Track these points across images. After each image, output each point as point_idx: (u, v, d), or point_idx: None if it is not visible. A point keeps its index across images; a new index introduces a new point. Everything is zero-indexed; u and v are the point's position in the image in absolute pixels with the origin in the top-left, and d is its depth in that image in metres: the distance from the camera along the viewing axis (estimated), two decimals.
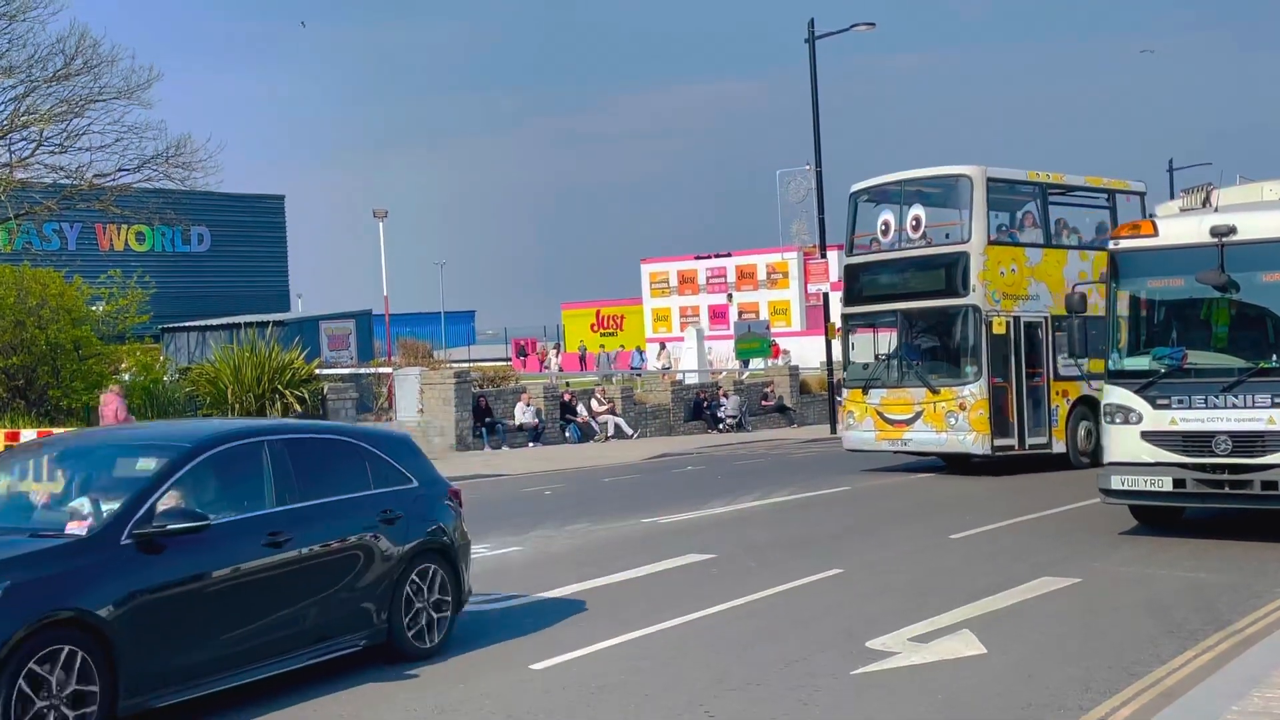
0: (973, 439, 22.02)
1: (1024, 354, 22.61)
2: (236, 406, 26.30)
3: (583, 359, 65.74)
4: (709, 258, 67.78)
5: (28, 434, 21.64)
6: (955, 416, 22.07)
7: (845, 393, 25.26)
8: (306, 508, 9.38)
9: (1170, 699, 7.96)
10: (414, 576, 9.89)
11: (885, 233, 24.04)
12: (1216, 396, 13.86)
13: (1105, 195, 25.12)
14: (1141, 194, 25.35)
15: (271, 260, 52.60)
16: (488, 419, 32.98)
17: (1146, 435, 14.26)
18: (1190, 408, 14.00)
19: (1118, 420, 14.50)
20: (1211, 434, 13.85)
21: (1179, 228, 14.67)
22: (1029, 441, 22.62)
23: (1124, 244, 14.89)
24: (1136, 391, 14.38)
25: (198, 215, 42.06)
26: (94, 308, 27.82)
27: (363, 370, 36.75)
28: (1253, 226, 14.07)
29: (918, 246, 23.81)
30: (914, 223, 23.53)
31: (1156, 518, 15.41)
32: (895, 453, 24.55)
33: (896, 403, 23.29)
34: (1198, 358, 14.43)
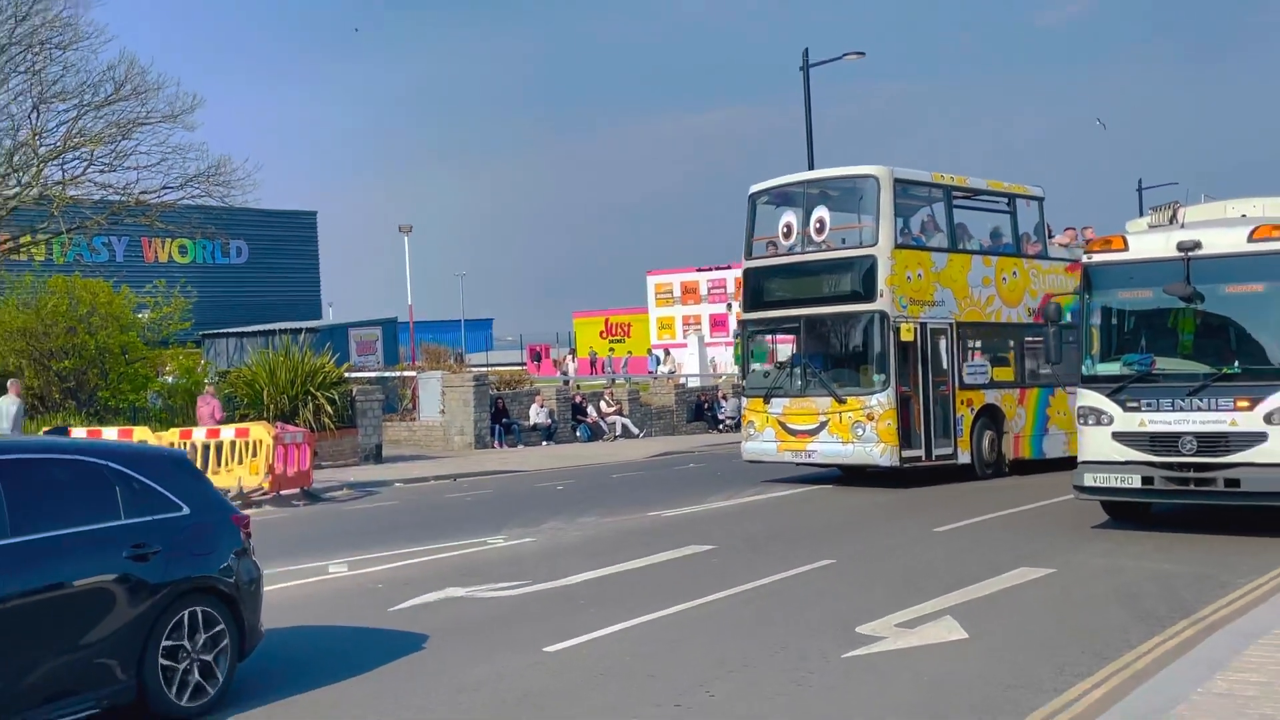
0: (880, 450, 19.98)
1: (930, 362, 20.69)
2: (271, 407, 26.27)
3: (593, 363, 65.69)
4: (710, 270, 67.61)
5: (79, 431, 21.68)
6: (862, 427, 19.95)
7: (744, 402, 22.44)
8: (16, 545, 7.30)
9: (1139, 681, 7.94)
10: (179, 622, 7.87)
11: (787, 235, 21.68)
12: (1183, 400, 13.87)
13: (1006, 200, 23.11)
14: (1040, 199, 23.46)
15: (304, 271, 52.60)
16: (504, 419, 33.16)
17: (1117, 435, 14.25)
18: (1158, 410, 14.01)
19: (1090, 421, 14.48)
20: (1178, 435, 13.85)
21: (1147, 243, 14.67)
22: (935, 452, 20.63)
23: (1096, 258, 14.89)
24: (1108, 395, 14.37)
25: (236, 230, 42.17)
26: (140, 315, 27.85)
27: (389, 374, 36.77)
28: (1216, 242, 14.08)
29: (821, 250, 21.39)
30: (818, 225, 21.12)
31: (1126, 513, 15.36)
32: (798, 464, 21.89)
33: (800, 413, 20.92)
34: (1165, 364, 14.40)
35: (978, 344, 21.98)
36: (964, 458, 20.94)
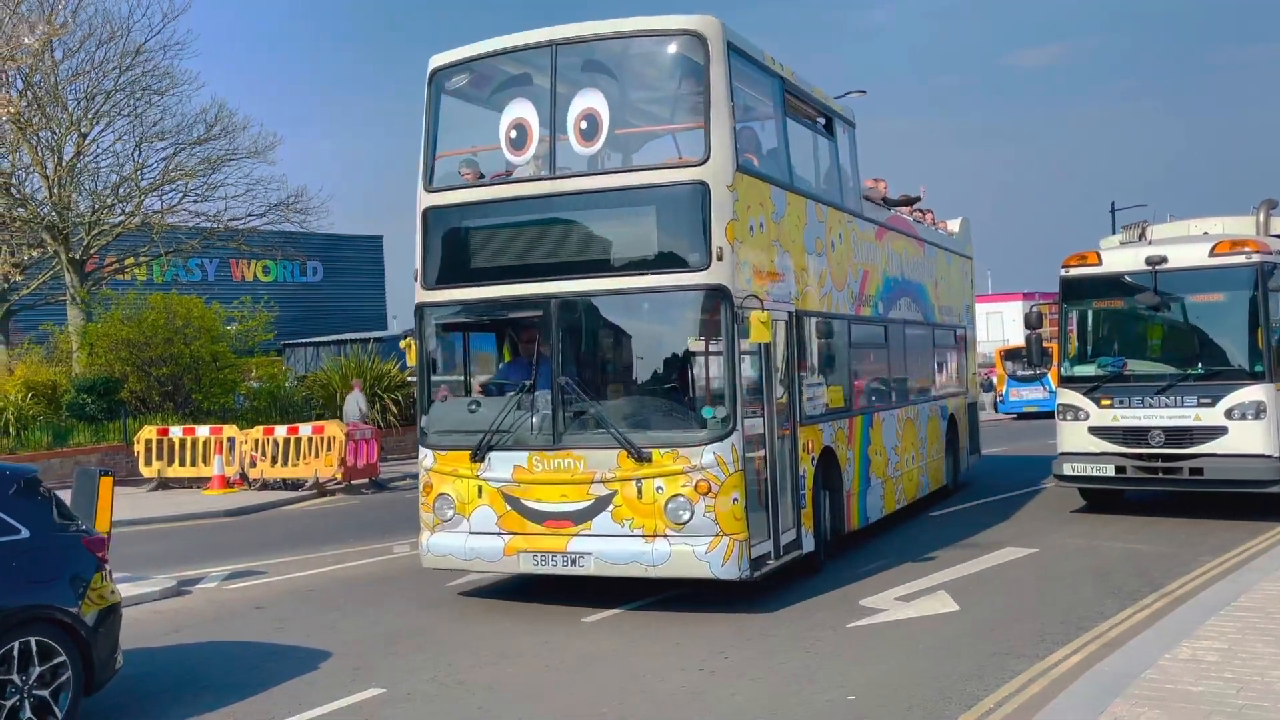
0: (721, 550, 9.34)
1: (774, 382, 10.41)
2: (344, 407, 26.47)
3: None
4: None
5: (175, 430, 21.90)
6: (686, 507, 9.37)
7: (430, 459, 10.45)
8: None
9: (1113, 649, 7.89)
10: (6, 654, 6.35)
11: (518, 145, 10.27)
12: (1152, 398, 13.84)
13: (826, 119, 12.89)
14: (853, 126, 13.54)
15: (372, 288, 52.73)
16: None
17: (1093, 430, 14.21)
18: (1129, 407, 13.98)
19: (1069, 417, 14.44)
20: (1147, 429, 13.82)
21: (1119, 258, 14.62)
22: (783, 542, 10.34)
23: (1073, 271, 14.84)
24: (1084, 393, 14.33)
25: (312, 252, 42.37)
26: (228, 327, 28.07)
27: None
28: (1181, 257, 14.06)
29: (592, 172, 10.21)
30: (584, 125, 9.96)
31: (1101, 498, 15.28)
32: (544, 574, 10.21)
33: (553, 479, 9.81)
34: (1136, 365, 14.34)
35: (814, 349, 11.82)
36: (808, 543, 10.85)
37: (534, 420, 9.94)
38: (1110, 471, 14.10)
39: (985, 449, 21.09)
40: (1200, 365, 13.89)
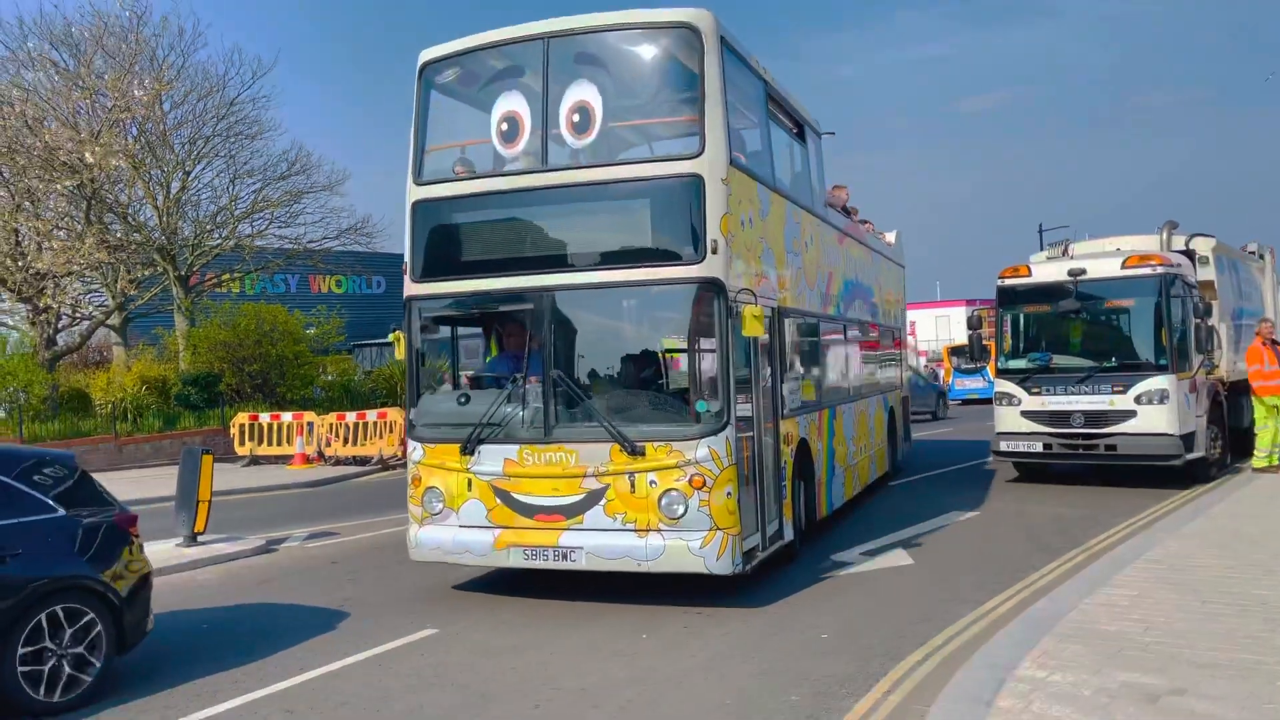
0: (715, 545, 7.92)
1: (762, 376, 9.12)
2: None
3: None
4: None
5: (263, 416, 21.94)
6: (679, 501, 7.94)
7: (419, 452, 8.93)
8: None
9: (1042, 595, 7.86)
10: (40, 622, 6.07)
11: (509, 138, 8.73)
12: (1073, 387, 13.80)
13: (799, 127, 11.32)
14: (819, 135, 12.06)
15: None
16: None
17: (1025, 413, 14.15)
18: (1055, 394, 13.94)
19: (1004, 403, 14.40)
20: (1070, 412, 13.78)
21: (1046, 270, 14.59)
22: (769, 533, 8.98)
23: (1008, 281, 14.80)
24: (1017, 383, 14.29)
25: (377, 268, 42.33)
26: (308, 331, 28.14)
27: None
28: (1097, 269, 14.05)
29: (583, 164, 8.52)
30: (575, 117, 8.48)
31: (1032, 471, 15.25)
32: (535, 568, 8.47)
33: (545, 473, 8.32)
34: (1060, 360, 14.28)
35: (793, 345, 10.42)
36: (788, 532, 9.46)
37: (525, 413, 8.26)
38: (1039, 448, 14.07)
39: (933, 430, 20.96)
40: (1114, 359, 13.86)
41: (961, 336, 35.86)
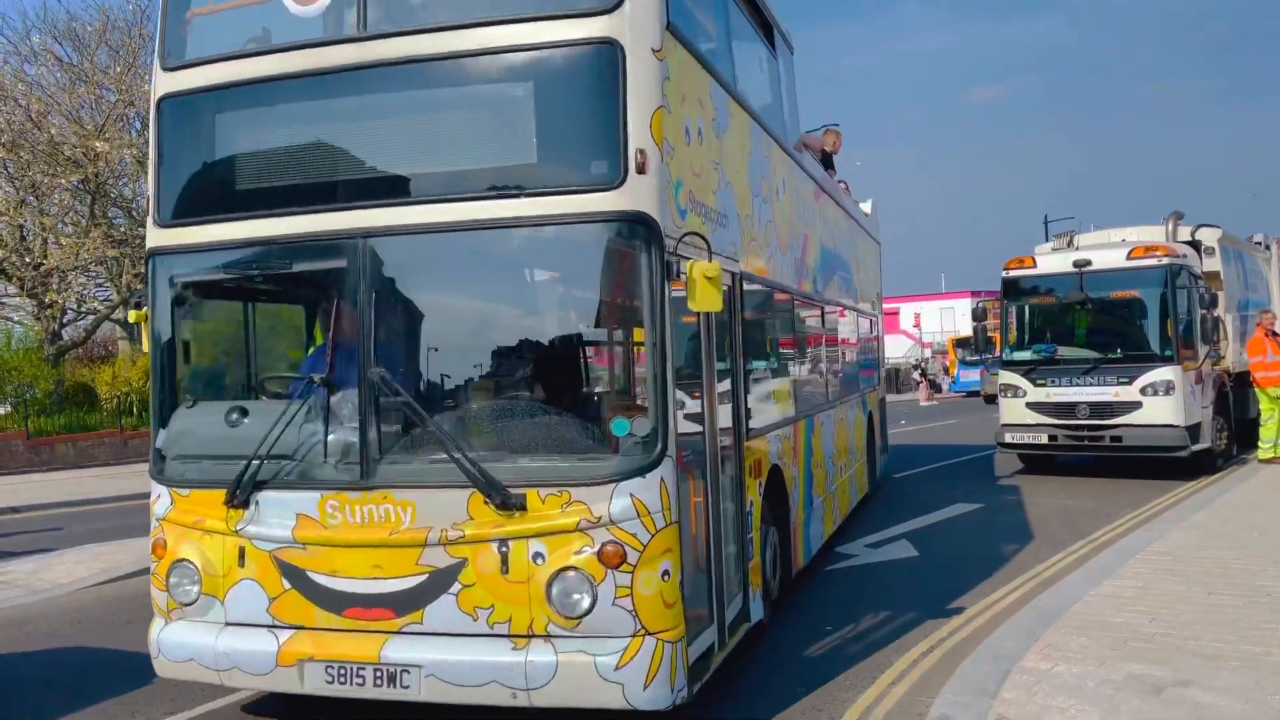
0: (643, 662, 4.59)
1: (723, 372, 5.79)
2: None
3: None
4: None
5: None
6: (583, 589, 4.60)
7: (165, 502, 5.28)
8: None
9: (1046, 586, 7.85)
10: None
11: None
12: (1078, 378, 13.81)
13: (767, 31, 8.08)
14: (792, 50, 8.87)
15: None
16: None
17: (1030, 405, 14.17)
18: (1060, 386, 13.94)
19: (1009, 395, 14.41)
20: (1075, 403, 13.79)
21: (1051, 261, 14.60)
22: (728, 618, 5.64)
23: (1013, 273, 14.79)
24: (1022, 375, 14.30)
25: None
26: None
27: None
28: (1103, 260, 14.01)
29: (426, 29, 4.91)
30: None
31: (1037, 462, 15.22)
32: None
33: (356, 539, 4.86)
34: (1065, 351, 14.26)
35: (763, 330, 7.47)
36: (756, 609, 6.29)
37: (331, 440, 4.98)
38: (1044, 439, 14.09)
39: (933, 421, 20.81)
40: (1119, 350, 13.84)
41: (967, 328, 35.84)
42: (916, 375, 38.74)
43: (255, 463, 5.05)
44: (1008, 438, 14.40)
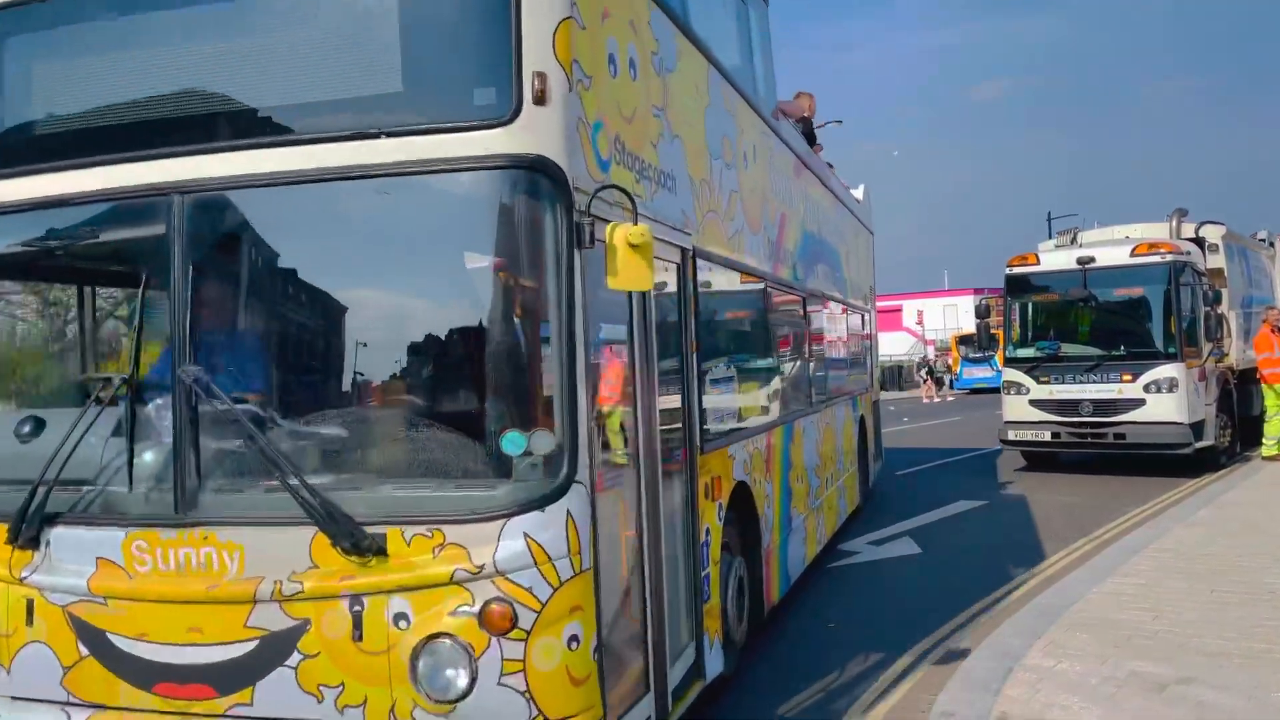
0: None
1: (655, 370, 4.40)
2: None
3: None
4: None
5: None
6: (458, 662, 3.42)
7: None
8: None
9: (1050, 584, 7.85)
10: None
11: None
12: (1081, 375, 13.82)
13: None
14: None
15: None
16: None
17: (1033, 402, 14.18)
18: (1063, 383, 13.96)
19: (1013, 392, 14.43)
20: (1078, 400, 13.80)
21: (1054, 258, 14.60)
22: (672, 682, 4.42)
23: (1016, 270, 14.80)
24: (1026, 372, 14.32)
25: None
26: None
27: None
28: (1106, 257, 14.03)
29: None
30: None
31: (1040, 460, 15.20)
32: None
33: (166, 592, 3.65)
34: (1069, 348, 14.27)
35: (723, 323, 6.35)
36: (714, 662, 5.08)
37: (139, 462, 3.85)
38: (1047, 437, 14.10)
39: (934, 418, 20.78)
40: (1122, 348, 13.85)
41: (970, 325, 35.78)
42: (924, 373, 38.64)
43: (43, 490, 3.80)
44: (1011, 435, 14.40)
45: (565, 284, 3.57)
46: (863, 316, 12.57)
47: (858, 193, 13.07)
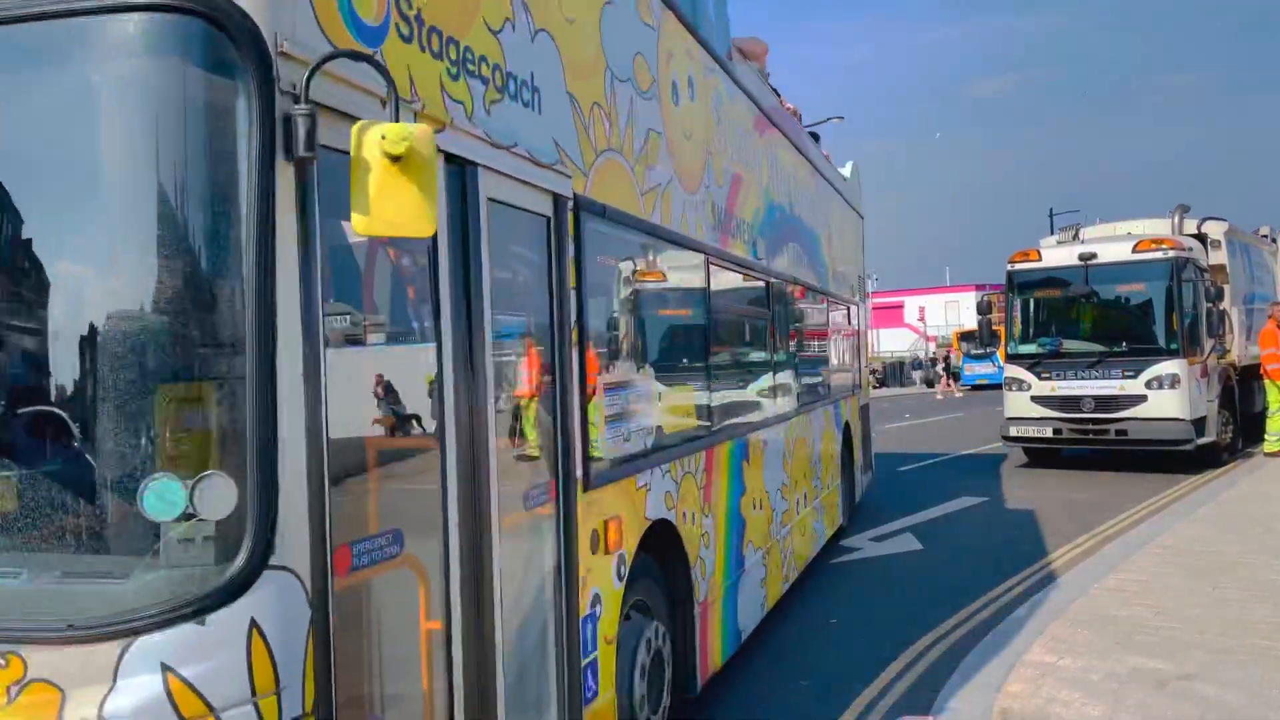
0: None
1: (482, 354, 2.90)
2: None
3: None
4: None
5: None
6: None
7: None
8: None
9: (1051, 580, 7.85)
10: None
11: None
12: (1083, 371, 13.81)
13: None
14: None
15: None
16: None
17: (1035, 398, 14.18)
18: (1065, 379, 13.95)
19: (1014, 388, 14.43)
20: (1080, 397, 13.79)
21: (1056, 255, 14.59)
22: None
23: (1018, 266, 14.78)
24: (1027, 368, 14.31)
25: None
26: None
27: None
28: (1108, 253, 14.00)
29: None
30: None
31: (1042, 456, 15.22)
32: None
33: None
34: (1070, 345, 14.26)
35: (633, 306, 4.64)
36: None
37: None
38: (1049, 433, 14.09)
39: (935, 414, 20.75)
40: (1124, 344, 13.83)
41: (971, 322, 35.80)
42: (940, 368, 38.39)
43: None
44: (1013, 431, 14.40)
45: (256, 222, 2.11)
46: (849, 310, 10.99)
47: (846, 169, 11.53)
